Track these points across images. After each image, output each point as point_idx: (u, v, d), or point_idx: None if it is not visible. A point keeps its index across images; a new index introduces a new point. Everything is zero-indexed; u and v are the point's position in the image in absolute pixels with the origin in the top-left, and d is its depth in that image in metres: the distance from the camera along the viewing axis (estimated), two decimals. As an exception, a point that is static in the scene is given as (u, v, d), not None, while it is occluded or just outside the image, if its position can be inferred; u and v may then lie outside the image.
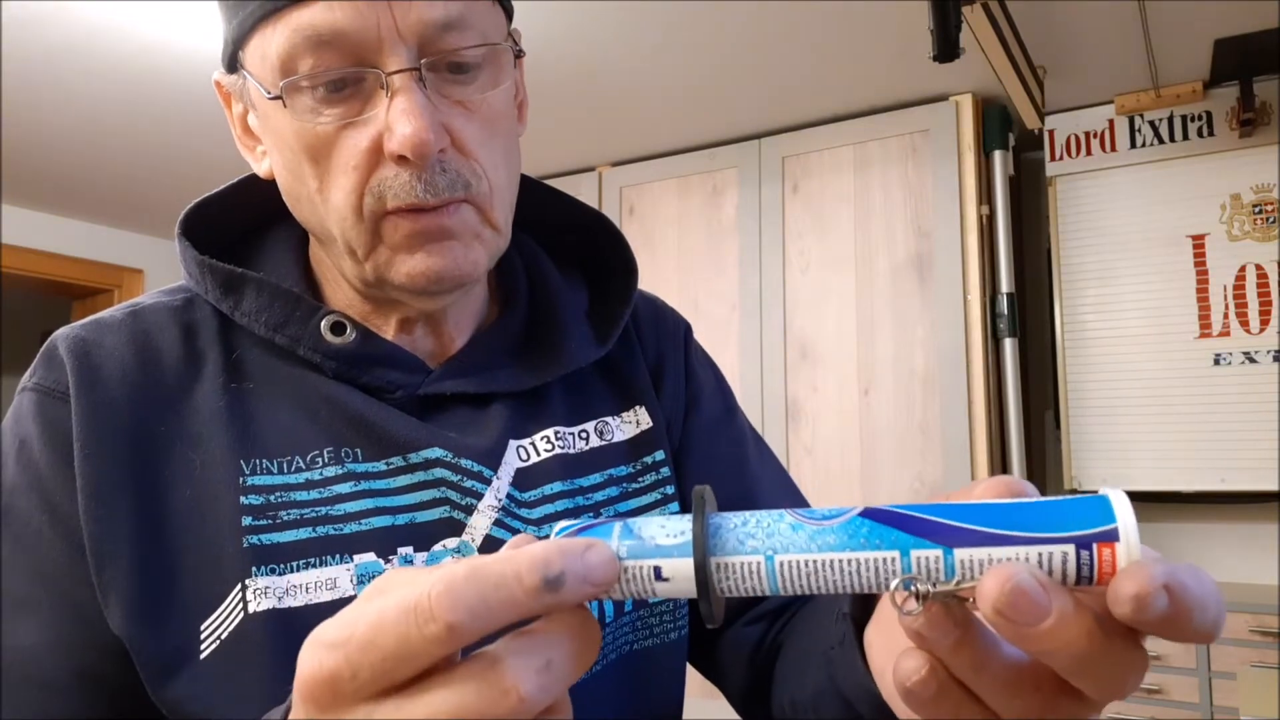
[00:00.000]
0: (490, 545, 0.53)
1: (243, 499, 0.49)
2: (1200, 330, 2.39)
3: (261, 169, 0.55)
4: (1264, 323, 2.32)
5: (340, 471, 0.51)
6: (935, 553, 0.29)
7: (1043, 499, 0.29)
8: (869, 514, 0.30)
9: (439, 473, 0.53)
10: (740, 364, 2.69)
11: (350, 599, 0.48)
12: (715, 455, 0.66)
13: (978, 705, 0.30)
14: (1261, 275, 2.34)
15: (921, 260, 2.47)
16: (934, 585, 0.28)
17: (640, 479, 0.61)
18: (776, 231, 2.69)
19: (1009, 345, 2.44)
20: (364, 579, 0.49)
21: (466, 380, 0.56)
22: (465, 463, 0.53)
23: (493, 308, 0.62)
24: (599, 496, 0.58)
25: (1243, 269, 2.36)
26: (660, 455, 0.62)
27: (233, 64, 0.52)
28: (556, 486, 0.56)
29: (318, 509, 0.50)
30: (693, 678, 0.66)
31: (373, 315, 0.56)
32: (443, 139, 0.48)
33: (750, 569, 0.30)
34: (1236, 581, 2.47)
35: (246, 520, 0.49)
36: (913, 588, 0.29)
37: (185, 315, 0.55)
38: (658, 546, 0.31)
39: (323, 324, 0.53)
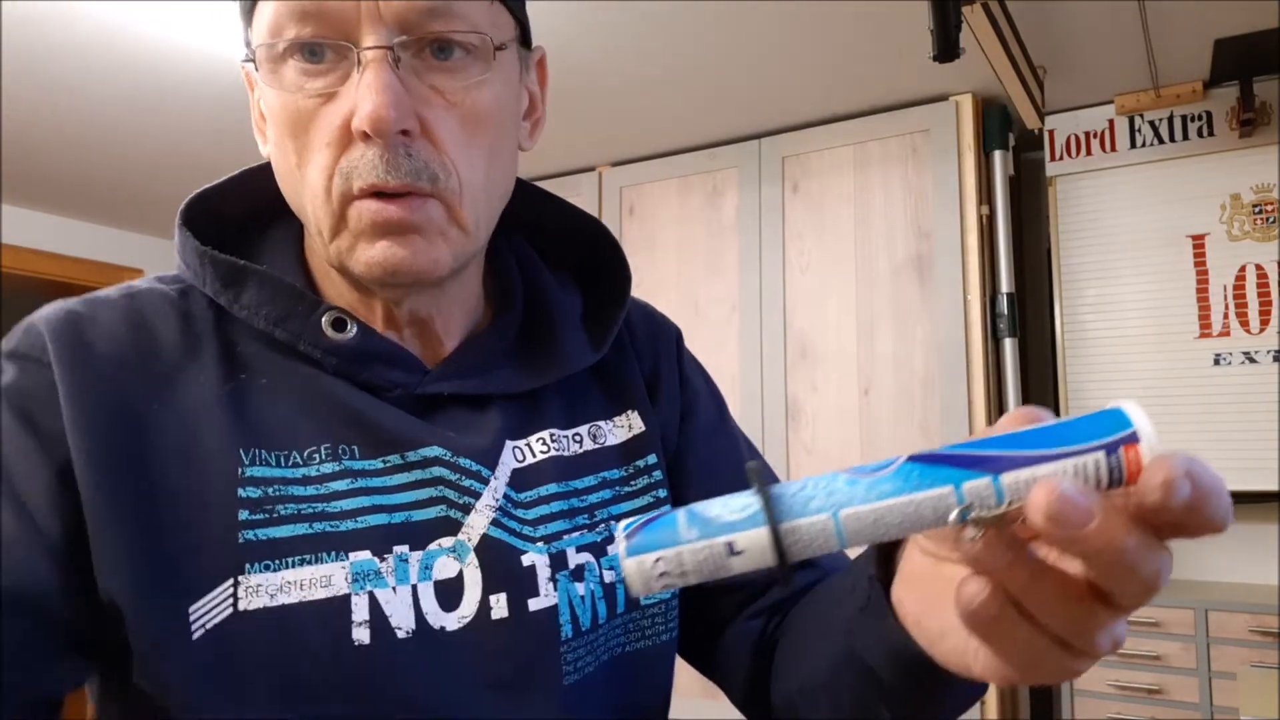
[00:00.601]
0: (487, 545, 0.52)
1: (240, 491, 0.48)
2: (1200, 330, 2.39)
3: (265, 151, 0.55)
4: (1264, 323, 2.32)
5: (337, 468, 0.51)
6: (984, 481, 0.31)
7: (1065, 419, 0.32)
8: (915, 459, 0.33)
9: (437, 471, 0.53)
10: (740, 364, 2.69)
11: (344, 597, 0.48)
12: (714, 459, 0.66)
13: (1028, 622, 0.32)
14: (1261, 275, 2.34)
15: (921, 260, 2.47)
16: (988, 511, 0.31)
17: (632, 482, 0.61)
18: (776, 231, 2.69)
19: (1009, 345, 2.44)
20: (359, 577, 0.49)
21: (464, 381, 0.56)
22: (464, 462, 0.53)
23: (487, 310, 0.62)
24: (593, 499, 0.58)
25: (1243, 269, 2.36)
26: (653, 459, 0.62)
27: (247, 47, 0.52)
28: (552, 488, 0.57)
29: (314, 505, 0.50)
30: (694, 678, 0.66)
31: (360, 306, 0.56)
32: (408, 120, 0.48)
33: (819, 528, 0.32)
34: (1236, 582, 2.47)
35: (243, 514, 0.48)
36: (970, 516, 0.31)
37: (182, 304, 0.54)
38: (726, 524, 0.33)
39: (324, 319, 0.53)
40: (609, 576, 0.57)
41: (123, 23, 2.10)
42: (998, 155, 2.50)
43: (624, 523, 0.34)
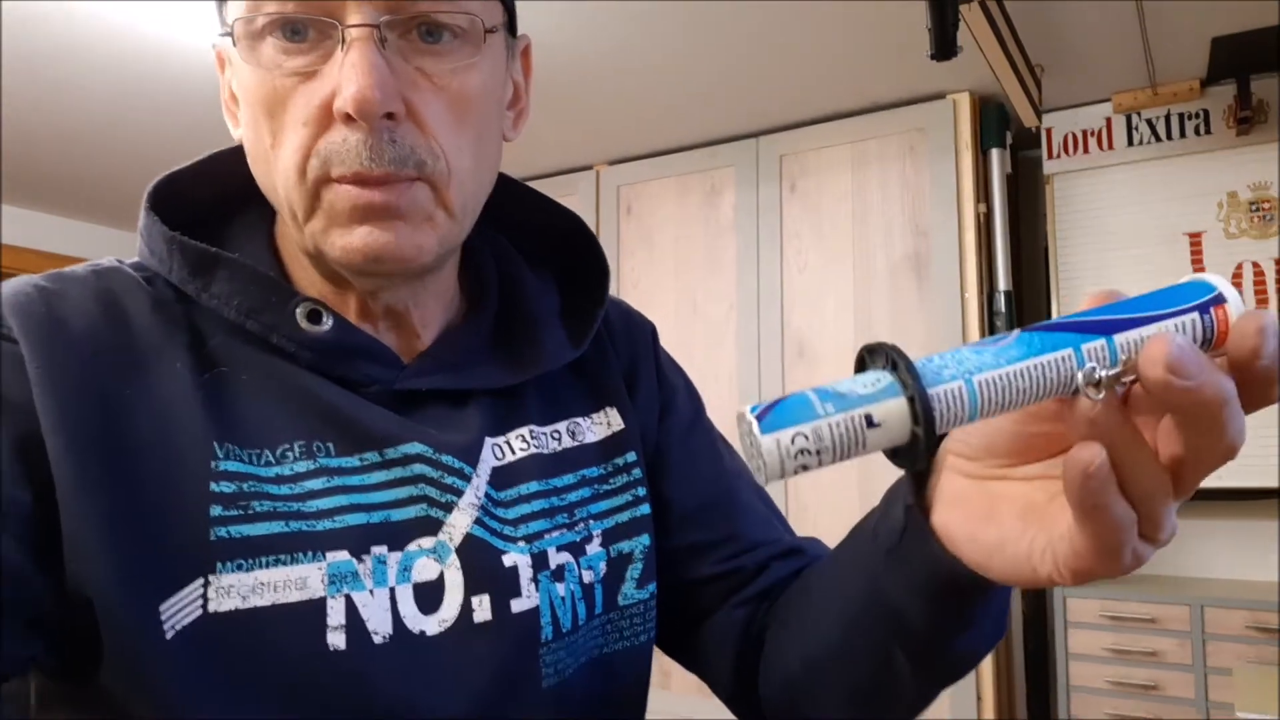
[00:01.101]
0: (469, 545, 0.51)
1: (213, 486, 0.46)
2: (1197, 328, 2.39)
3: (236, 134, 0.54)
4: (1261, 320, 2.33)
5: (313, 466, 0.49)
6: (1099, 342, 0.33)
7: (1157, 291, 0.35)
8: (1028, 330, 0.34)
9: (418, 469, 0.51)
10: (738, 362, 2.70)
11: (319, 600, 0.46)
12: (694, 455, 0.66)
13: (1122, 497, 0.33)
14: (1258, 273, 2.35)
15: (919, 258, 2.48)
16: (1105, 371, 0.33)
17: (611, 480, 0.60)
18: (774, 230, 2.69)
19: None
20: (336, 579, 0.47)
21: (443, 376, 0.55)
22: (446, 459, 0.52)
23: (461, 304, 0.60)
24: (572, 497, 0.58)
25: (1239, 266, 2.36)
26: (632, 457, 0.61)
27: (223, 25, 0.51)
28: (533, 486, 0.56)
29: (289, 504, 0.48)
30: (689, 677, 0.66)
31: (333, 296, 0.54)
32: (394, 103, 0.46)
33: (953, 396, 0.32)
34: (1233, 578, 2.48)
35: (216, 510, 0.46)
36: (1096, 375, 0.33)
37: (150, 289, 0.51)
38: (861, 397, 0.32)
39: (298, 311, 0.51)
40: (588, 577, 0.56)
41: (124, 22, 2.10)
42: (995, 153, 2.51)
43: (749, 406, 0.32)
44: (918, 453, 0.33)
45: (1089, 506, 0.33)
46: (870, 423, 0.32)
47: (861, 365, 0.35)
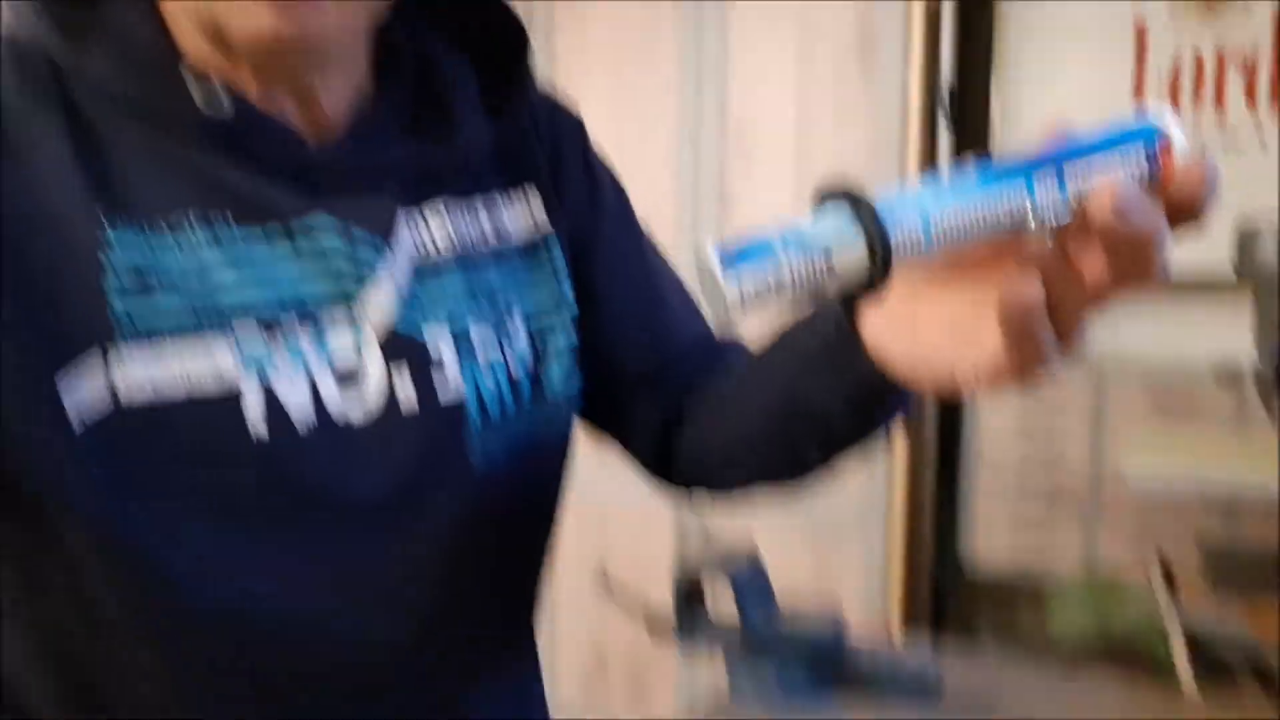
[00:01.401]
0: (386, 324, 0.50)
1: (103, 256, 0.44)
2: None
3: None
4: (1196, 105, 2.34)
5: (211, 237, 0.46)
6: (1051, 179, 0.35)
7: (1106, 130, 0.37)
8: (981, 167, 0.35)
9: (327, 241, 0.49)
10: (677, 146, 2.65)
11: (235, 391, 0.45)
12: (621, 250, 0.65)
13: (1050, 326, 0.36)
14: (1198, 63, 2.33)
15: (863, 45, 2.40)
16: (1054, 207, 0.35)
17: (531, 257, 0.59)
18: (718, 6, 2.56)
19: (945, 135, 2.43)
20: (250, 362, 0.46)
21: (353, 154, 0.52)
22: (358, 232, 0.50)
23: (372, 81, 0.56)
24: (491, 273, 0.56)
25: (1179, 58, 2.34)
26: (553, 238, 0.60)
27: None
28: (450, 262, 0.54)
29: (188, 276, 0.45)
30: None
31: (227, 67, 0.48)
32: None
33: (908, 231, 0.34)
34: (1137, 353, 2.63)
35: (110, 280, 0.43)
36: (1045, 214, 0.35)
37: (14, 55, 0.46)
38: (821, 236, 0.34)
39: (189, 83, 0.47)
40: (515, 369, 0.56)
41: None
42: (950, -73, 2.37)
43: (710, 244, 0.34)
44: (874, 292, 0.35)
45: (1021, 334, 0.35)
46: (829, 263, 0.33)
47: (820, 203, 0.36)
